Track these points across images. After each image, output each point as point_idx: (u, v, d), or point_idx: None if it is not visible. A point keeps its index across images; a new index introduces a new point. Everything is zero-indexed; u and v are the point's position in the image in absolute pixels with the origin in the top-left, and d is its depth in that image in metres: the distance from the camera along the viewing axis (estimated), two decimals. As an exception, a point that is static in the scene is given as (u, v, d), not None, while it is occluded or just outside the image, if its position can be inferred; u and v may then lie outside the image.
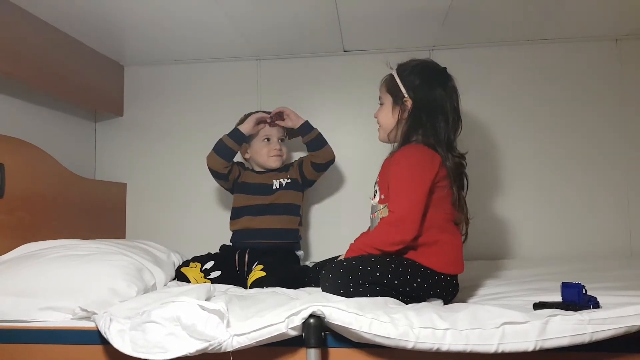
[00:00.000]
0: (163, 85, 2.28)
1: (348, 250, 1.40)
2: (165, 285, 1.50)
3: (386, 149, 1.51)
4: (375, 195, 1.45)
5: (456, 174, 1.37)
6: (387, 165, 1.43)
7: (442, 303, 1.32)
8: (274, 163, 1.89)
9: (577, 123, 2.09)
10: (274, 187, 1.87)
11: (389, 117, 1.45)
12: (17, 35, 1.64)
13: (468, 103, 2.12)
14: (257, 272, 1.57)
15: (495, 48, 2.14)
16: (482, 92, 2.13)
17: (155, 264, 1.52)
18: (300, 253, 1.89)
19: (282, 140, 1.93)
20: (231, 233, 1.90)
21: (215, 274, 1.67)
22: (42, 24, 1.76)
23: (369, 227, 1.50)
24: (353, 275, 1.24)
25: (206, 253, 1.80)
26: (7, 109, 1.73)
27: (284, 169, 1.93)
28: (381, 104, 1.50)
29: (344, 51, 2.19)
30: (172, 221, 2.23)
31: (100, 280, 1.27)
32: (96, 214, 2.04)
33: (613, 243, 2.03)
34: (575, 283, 1.11)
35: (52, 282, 1.25)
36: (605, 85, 2.09)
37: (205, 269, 1.67)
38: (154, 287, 1.43)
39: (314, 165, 1.86)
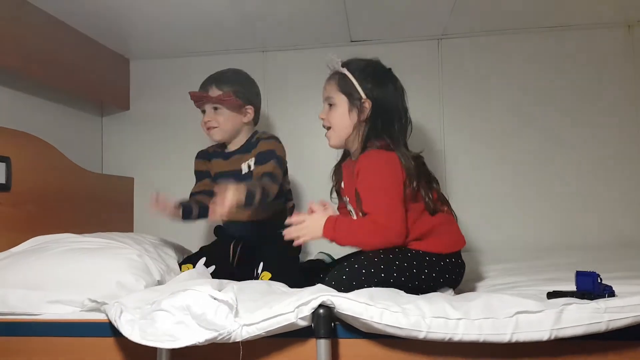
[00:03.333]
0: (169, 78, 2.27)
1: (333, 225, 1.27)
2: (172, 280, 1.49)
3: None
4: (346, 205, 1.41)
5: (420, 171, 1.32)
6: (350, 173, 1.36)
7: (453, 292, 1.30)
8: (213, 137, 1.66)
9: (589, 112, 2.05)
10: (244, 173, 1.64)
11: (346, 119, 1.36)
12: (24, 29, 1.64)
13: (476, 91, 2.12)
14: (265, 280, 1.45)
15: (504, 36, 2.10)
16: (491, 81, 2.11)
17: (163, 258, 1.51)
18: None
19: (216, 108, 1.63)
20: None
21: (210, 269, 1.56)
22: (48, 18, 1.76)
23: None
24: (357, 281, 1.19)
25: (198, 249, 1.68)
26: (13, 103, 1.72)
27: (245, 148, 1.66)
28: (331, 105, 1.40)
29: (351, 41, 2.16)
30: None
31: (108, 274, 1.26)
32: (104, 208, 2.03)
33: (626, 232, 2.00)
34: (590, 272, 1.09)
35: (60, 275, 1.24)
36: (617, 73, 2.05)
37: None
38: (161, 282, 1.42)
39: None
